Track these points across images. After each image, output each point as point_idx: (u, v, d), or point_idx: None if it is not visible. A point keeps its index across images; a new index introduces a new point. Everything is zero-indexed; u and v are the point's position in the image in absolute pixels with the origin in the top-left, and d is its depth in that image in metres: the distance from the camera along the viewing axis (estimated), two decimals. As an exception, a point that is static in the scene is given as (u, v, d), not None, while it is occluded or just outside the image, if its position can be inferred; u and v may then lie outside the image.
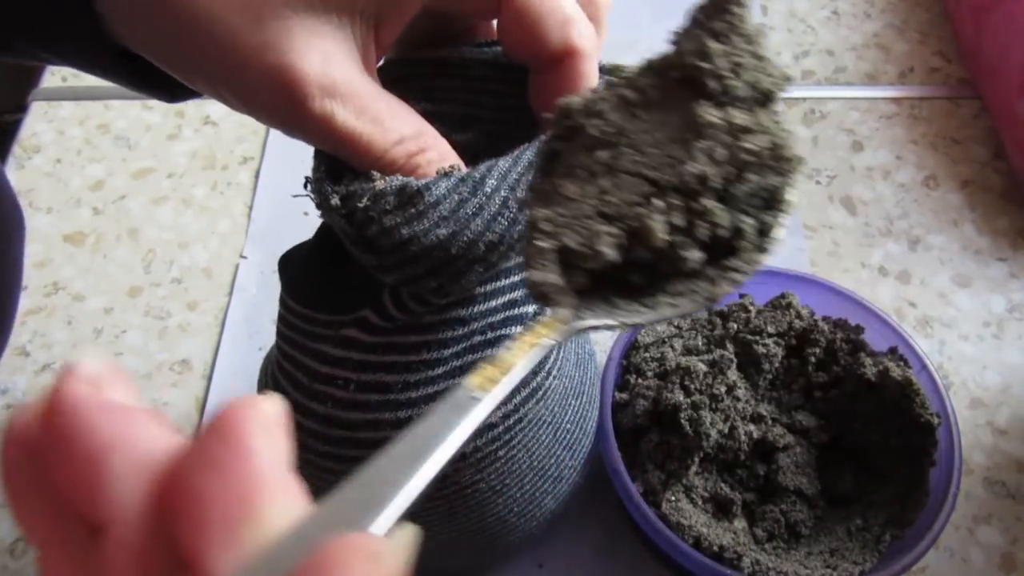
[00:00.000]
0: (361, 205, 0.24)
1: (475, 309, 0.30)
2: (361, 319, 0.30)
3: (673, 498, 0.39)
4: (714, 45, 0.20)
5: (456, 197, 0.24)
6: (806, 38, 0.67)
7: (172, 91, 0.27)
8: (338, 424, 0.30)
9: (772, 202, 0.22)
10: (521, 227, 0.26)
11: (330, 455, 0.31)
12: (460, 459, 0.31)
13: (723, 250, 0.22)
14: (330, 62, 0.23)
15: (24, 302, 0.54)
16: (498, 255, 0.26)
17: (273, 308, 0.53)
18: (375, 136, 0.24)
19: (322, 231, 0.32)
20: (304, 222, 0.57)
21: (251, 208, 0.58)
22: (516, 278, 0.31)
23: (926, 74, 0.64)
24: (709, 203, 0.21)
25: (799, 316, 0.43)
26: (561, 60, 0.27)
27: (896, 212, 0.57)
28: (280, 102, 0.24)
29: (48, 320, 0.54)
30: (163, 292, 0.55)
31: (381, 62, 0.27)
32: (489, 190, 0.25)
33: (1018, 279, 0.54)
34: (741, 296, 0.45)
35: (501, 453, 0.32)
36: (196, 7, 0.22)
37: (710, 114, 0.20)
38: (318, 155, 0.26)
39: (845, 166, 0.60)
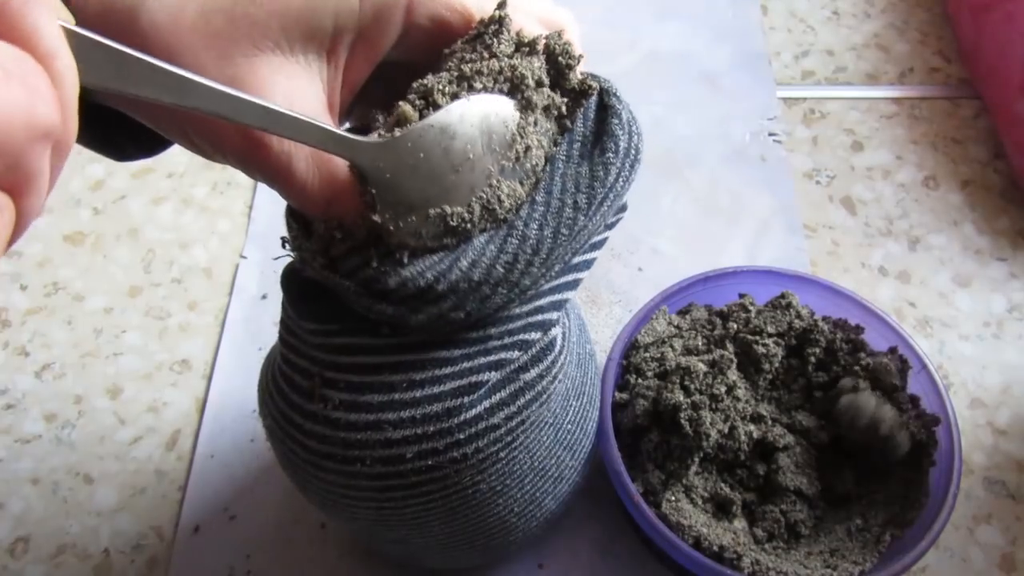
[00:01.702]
0: (373, 266, 0.26)
1: (496, 315, 0.30)
2: (365, 327, 0.30)
3: (673, 498, 0.39)
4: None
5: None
6: (806, 38, 0.67)
7: (123, 147, 0.27)
8: (339, 426, 0.30)
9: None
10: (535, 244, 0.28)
11: (331, 456, 0.31)
12: (461, 460, 0.31)
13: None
14: (294, 104, 0.24)
15: (24, 302, 0.55)
16: (519, 272, 0.28)
17: (273, 308, 0.53)
18: (319, 192, 0.25)
19: None
20: (304, 222, 0.57)
21: (251, 208, 0.58)
22: (546, 285, 0.31)
23: (926, 74, 0.64)
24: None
25: (799, 316, 0.43)
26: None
27: (896, 212, 0.57)
28: (242, 144, 0.24)
29: (48, 320, 0.54)
30: (163, 292, 0.55)
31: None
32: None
33: (1018, 279, 0.54)
34: (741, 296, 0.45)
35: (503, 454, 0.32)
36: (164, 39, 0.22)
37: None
38: (290, 213, 0.28)
39: (845, 166, 0.60)
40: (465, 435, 0.30)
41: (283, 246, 0.29)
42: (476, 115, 0.26)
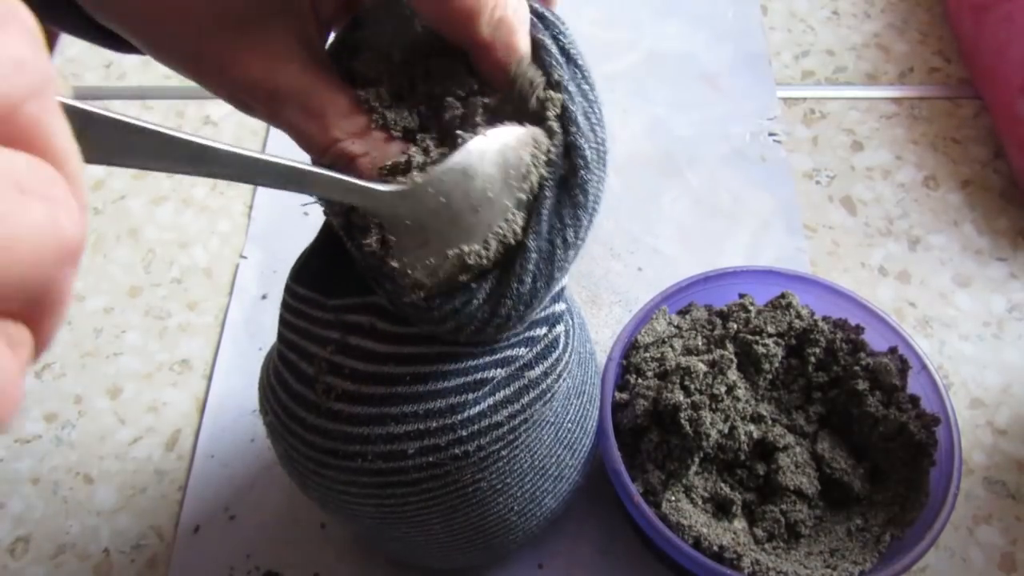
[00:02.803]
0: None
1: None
2: (373, 304, 0.30)
3: (673, 498, 0.39)
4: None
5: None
6: (806, 38, 0.67)
7: (121, 41, 0.26)
8: (341, 418, 0.30)
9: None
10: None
11: (332, 451, 0.30)
12: (463, 457, 0.31)
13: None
14: (273, 67, 0.24)
15: (24, 302, 0.54)
16: (512, 320, 0.28)
17: (273, 308, 0.53)
18: (316, 134, 0.25)
19: (324, 232, 0.32)
20: (304, 222, 0.57)
21: (251, 208, 0.58)
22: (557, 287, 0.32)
23: (926, 74, 0.64)
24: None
25: (799, 316, 0.43)
26: (471, 49, 0.27)
27: (896, 212, 0.57)
28: (240, 106, 0.25)
29: (48, 320, 0.54)
30: (163, 292, 0.55)
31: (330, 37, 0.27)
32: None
33: (1018, 279, 0.54)
34: (741, 296, 0.45)
35: (504, 452, 0.32)
36: (136, 29, 0.23)
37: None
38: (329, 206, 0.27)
39: (845, 166, 0.60)
40: (468, 432, 0.30)
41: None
42: (495, 151, 0.25)
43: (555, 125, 0.26)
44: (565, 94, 0.26)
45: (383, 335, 0.30)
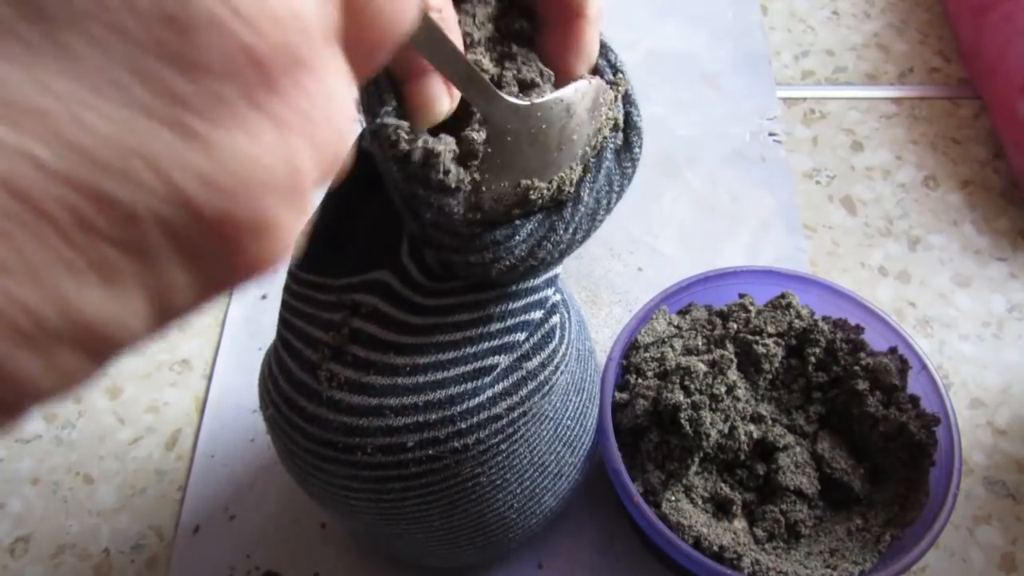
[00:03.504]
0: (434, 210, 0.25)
1: (493, 293, 0.30)
2: (377, 282, 0.30)
3: (673, 498, 0.39)
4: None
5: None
6: (806, 38, 0.67)
7: None
8: (341, 409, 0.30)
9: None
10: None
11: (332, 444, 0.30)
12: (462, 451, 0.31)
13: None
14: None
15: (24, 302, 0.54)
16: (542, 265, 0.28)
17: (273, 308, 0.53)
18: None
19: (326, 196, 0.32)
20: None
21: (251, 208, 0.58)
22: (553, 288, 0.32)
23: (926, 74, 0.64)
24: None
25: (799, 316, 0.43)
26: (568, 20, 0.27)
27: (896, 212, 0.57)
28: None
29: (48, 320, 0.54)
30: (163, 292, 0.55)
31: None
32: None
33: (1018, 279, 0.54)
34: (741, 296, 0.45)
35: (503, 447, 0.32)
36: None
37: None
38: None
39: (845, 166, 0.60)
40: (467, 424, 0.30)
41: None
42: (591, 97, 0.26)
43: (620, 103, 0.28)
44: (627, 78, 0.28)
45: (385, 319, 0.30)
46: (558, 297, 0.34)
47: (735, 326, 0.43)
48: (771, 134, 0.61)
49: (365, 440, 0.30)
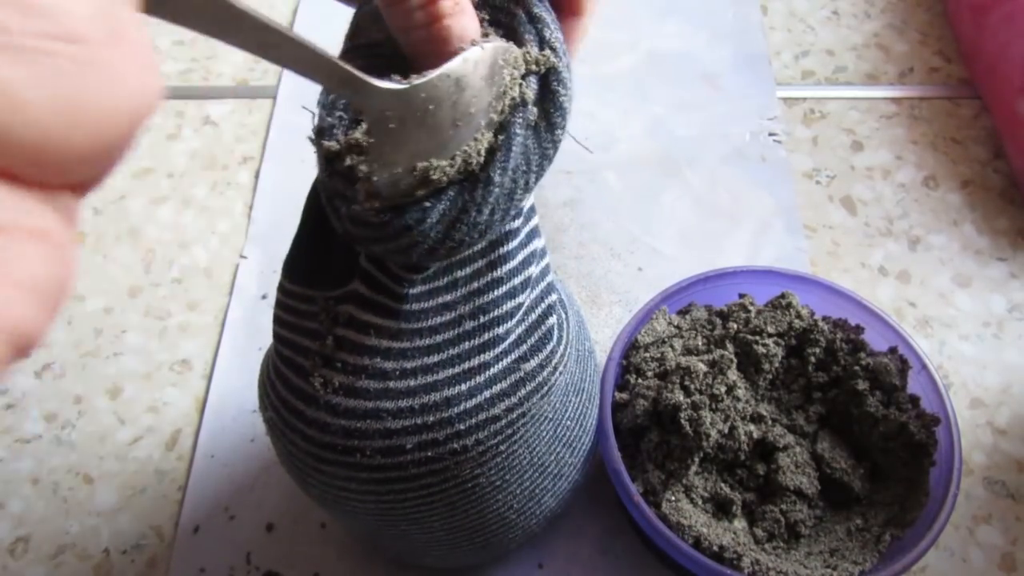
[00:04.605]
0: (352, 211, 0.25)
1: (459, 293, 0.30)
2: (352, 293, 0.30)
3: (673, 498, 0.39)
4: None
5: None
6: (806, 38, 0.67)
7: None
8: (338, 412, 0.30)
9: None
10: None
11: (331, 446, 0.31)
12: (461, 452, 0.31)
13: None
14: None
15: (24, 302, 0.54)
16: (458, 250, 0.27)
17: (272, 308, 0.53)
18: None
19: (306, 207, 0.32)
20: (304, 222, 0.57)
21: (251, 208, 0.58)
22: (512, 263, 0.31)
23: (926, 74, 0.64)
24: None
25: (799, 316, 0.43)
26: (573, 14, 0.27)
27: (896, 212, 0.57)
28: None
29: (48, 320, 0.54)
30: (163, 292, 0.55)
31: None
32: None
33: (1018, 279, 0.54)
34: (741, 296, 0.45)
35: (503, 448, 0.32)
36: None
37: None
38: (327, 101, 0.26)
39: (845, 166, 0.60)
40: (466, 426, 0.30)
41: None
42: (487, 65, 0.24)
43: (534, 80, 0.26)
44: (558, 54, 0.26)
45: (362, 325, 0.30)
46: (554, 297, 0.34)
47: (735, 326, 0.43)
48: (771, 134, 0.61)
49: (363, 443, 0.30)
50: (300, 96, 0.64)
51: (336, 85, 0.21)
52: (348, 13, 0.27)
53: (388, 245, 0.26)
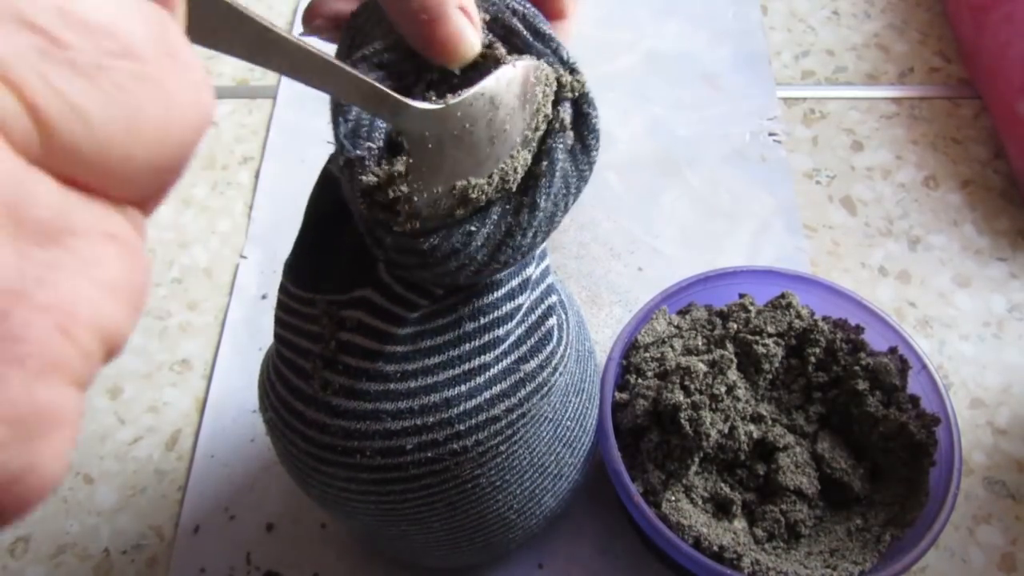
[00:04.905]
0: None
1: (459, 295, 0.31)
2: (362, 300, 0.30)
3: (673, 498, 0.39)
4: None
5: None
6: (806, 38, 0.67)
7: None
8: (338, 413, 0.30)
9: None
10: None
11: (331, 447, 0.31)
12: (461, 452, 0.31)
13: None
14: None
15: (24, 302, 0.54)
16: (502, 269, 0.28)
17: (273, 308, 0.53)
18: None
19: (308, 211, 0.32)
20: (304, 222, 0.57)
21: (251, 208, 0.58)
22: (518, 279, 0.31)
23: (926, 74, 0.64)
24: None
25: (799, 316, 0.43)
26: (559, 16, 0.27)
27: (896, 212, 0.57)
28: None
29: (48, 320, 0.54)
30: (163, 292, 0.55)
31: None
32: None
33: (1018, 279, 0.54)
34: (741, 296, 0.45)
35: (503, 448, 0.32)
36: None
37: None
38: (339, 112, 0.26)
39: (845, 166, 0.60)
40: (465, 427, 0.30)
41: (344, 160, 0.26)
42: (519, 83, 0.24)
43: (569, 105, 0.27)
44: (582, 78, 0.27)
45: (371, 331, 0.30)
46: (554, 299, 0.34)
47: (735, 326, 0.43)
48: (771, 134, 0.61)
49: (363, 443, 0.30)
50: (300, 96, 0.64)
51: (374, 106, 0.22)
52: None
53: (436, 270, 0.27)
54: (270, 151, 0.61)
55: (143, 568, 0.45)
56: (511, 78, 0.24)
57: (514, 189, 0.26)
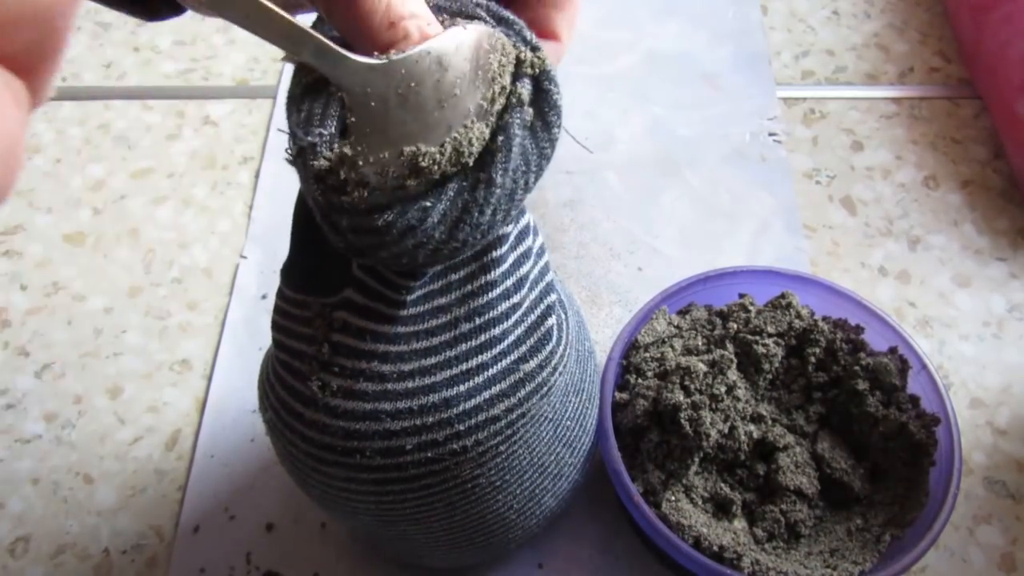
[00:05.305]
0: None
1: (453, 296, 0.30)
2: (346, 300, 0.30)
3: (673, 498, 0.39)
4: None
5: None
6: (806, 38, 0.67)
7: (154, 7, 0.24)
8: (337, 414, 0.30)
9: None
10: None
11: (331, 447, 0.31)
12: (461, 452, 0.31)
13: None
14: None
15: (24, 302, 0.55)
16: (461, 250, 0.27)
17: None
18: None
19: (296, 213, 0.32)
20: (304, 222, 0.57)
21: (251, 208, 0.58)
22: (504, 265, 0.31)
23: (926, 74, 0.64)
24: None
25: (799, 316, 0.43)
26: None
27: (896, 212, 0.57)
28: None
29: (48, 320, 0.54)
30: (163, 292, 0.55)
31: None
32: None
33: (1018, 279, 0.54)
34: (741, 296, 0.45)
35: (503, 448, 0.32)
36: None
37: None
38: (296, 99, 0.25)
39: (845, 166, 0.60)
40: (465, 427, 0.30)
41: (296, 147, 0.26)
42: (470, 46, 0.24)
43: (527, 81, 0.26)
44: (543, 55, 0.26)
45: (358, 331, 0.30)
46: (554, 298, 0.34)
47: (735, 326, 0.43)
48: (771, 134, 0.61)
49: (363, 444, 0.30)
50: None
51: (312, 56, 0.21)
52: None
53: (393, 250, 0.26)
54: (270, 151, 0.61)
55: (143, 568, 0.45)
56: (461, 41, 0.23)
57: (471, 163, 0.25)
